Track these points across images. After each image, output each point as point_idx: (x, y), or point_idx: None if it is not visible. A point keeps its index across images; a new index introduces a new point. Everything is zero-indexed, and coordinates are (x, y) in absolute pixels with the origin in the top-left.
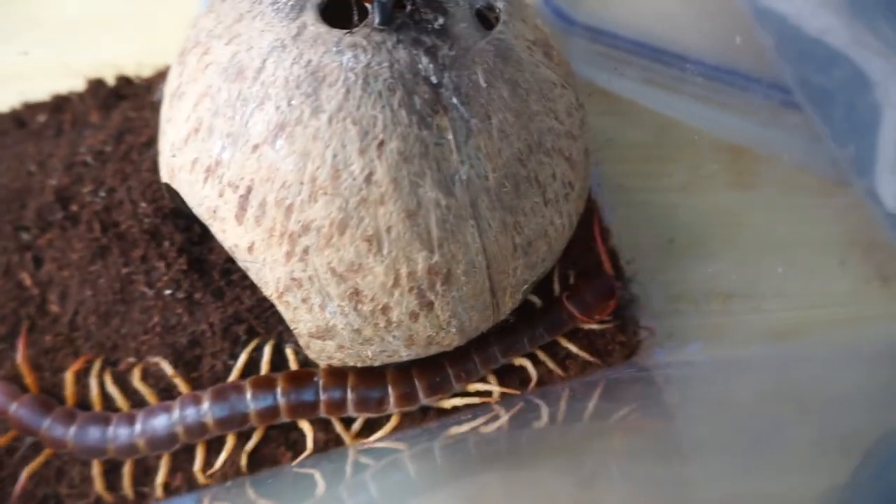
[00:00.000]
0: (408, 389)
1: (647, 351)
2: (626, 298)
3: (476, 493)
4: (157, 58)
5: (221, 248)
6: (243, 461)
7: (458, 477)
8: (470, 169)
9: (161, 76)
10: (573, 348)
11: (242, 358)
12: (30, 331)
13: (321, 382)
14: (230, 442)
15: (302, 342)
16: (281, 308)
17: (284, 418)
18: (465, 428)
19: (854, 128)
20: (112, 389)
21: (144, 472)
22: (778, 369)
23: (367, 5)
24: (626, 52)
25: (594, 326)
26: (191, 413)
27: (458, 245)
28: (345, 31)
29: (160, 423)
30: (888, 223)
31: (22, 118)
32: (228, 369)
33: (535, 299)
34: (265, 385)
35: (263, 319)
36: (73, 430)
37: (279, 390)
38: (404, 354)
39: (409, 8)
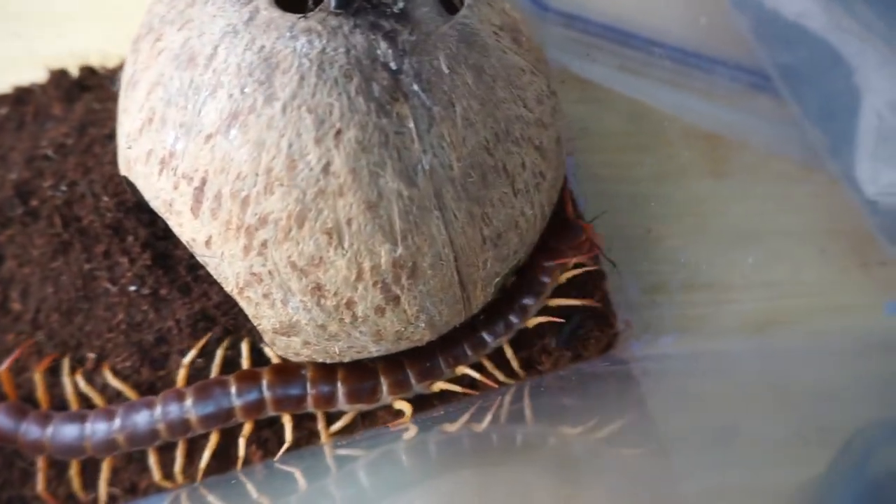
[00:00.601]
0: (400, 377)
1: (623, 343)
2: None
3: (452, 489)
4: (123, 48)
5: None
6: (203, 462)
7: (430, 476)
8: (433, 158)
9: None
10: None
11: (219, 354)
12: None
13: (309, 376)
14: (213, 440)
15: (267, 338)
16: (243, 304)
17: (271, 412)
18: (456, 426)
19: (832, 112)
20: (86, 388)
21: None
22: (756, 360)
23: None
24: (600, 37)
25: (576, 271)
26: (174, 410)
27: (423, 237)
28: (299, 15)
29: (141, 419)
30: (867, 210)
31: None
32: (197, 367)
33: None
34: (250, 379)
35: (232, 315)
36: (50, 430)
37: (265, 384)
38: (373, 350)
39: None
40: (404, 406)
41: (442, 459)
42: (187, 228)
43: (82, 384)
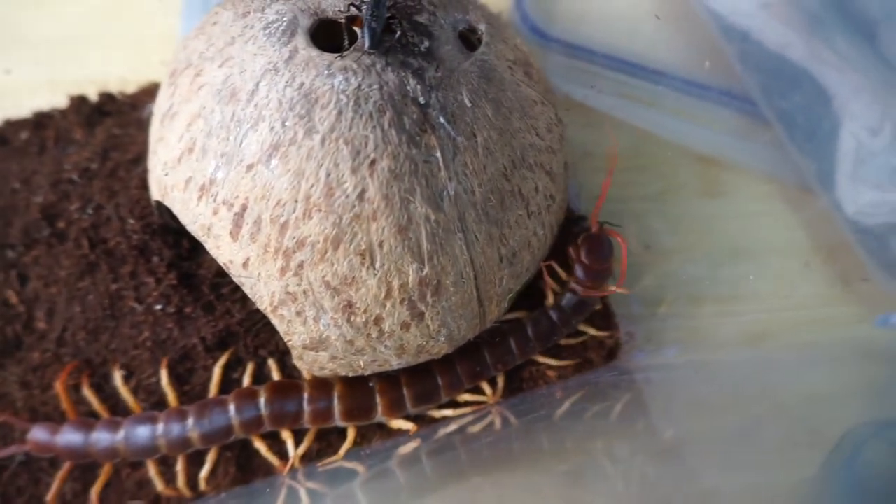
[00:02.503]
0: (396, 396)
1: (627, 354)
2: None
3: (468, 496)
4: (141, 75)
5: (211, 262)
6: (203, 475)
7: (449, 482)
8: (457, 185)
9: (145, 93)
10: (552, 362)
11: (216, 372)
12: (17, 348)
13: (307, 393)
14: (212, 455)
15: (295, 354)
16: (275, 321)
17: (269, 428)
18: (452, 427)
19: (814, 136)
20: (123, 391)
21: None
22: (751, 370)
23: (357, 30)
24: (600, 66)
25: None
26: (249, 410)
27: (448, 257)
28: (335, 54)
29: (217, 418)
30: (849, 228)
31: (3, 135)
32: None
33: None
34: (248, 397)
35: (254, 333)
36: (122, 434)
37: (263, 401)
38: (395, 363)
39: (397, 33)
40: (403, 424)
41: (446, 468)
42: (225, 251)
43: (123, 391)
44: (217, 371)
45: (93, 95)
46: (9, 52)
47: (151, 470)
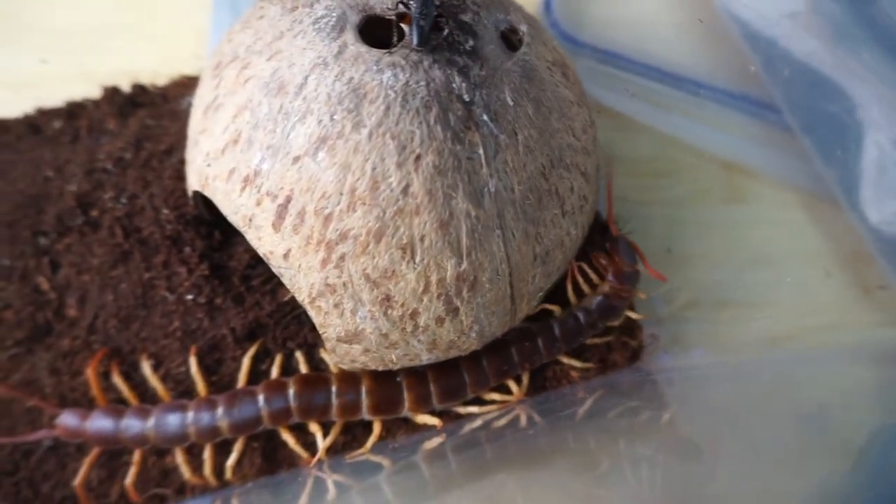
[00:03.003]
0: (422, 392)
1: (650, 356)
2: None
3: (494, 492)
4: (172, 67)
5: (242, 254)
6: (230, 463)
7: (474, 478)
8: (498, 182)
9: (177, 85)
10: (577, 363)
11: (245, 362)
12: (47, 334)
13: (335, 387)
14: (239, 445)
15: (328, 346)
16: (312, 313)
17: (297, 419)
18: (477, 423)
19: (838, 145)
20: (153, 379)
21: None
22: (771, 373)
23: (405, 27)
24: (627, 72)
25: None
26: (277, 401)
27: (485, 253)
28: (384, 50)
29: (247, 409)
30: (870, 237)
31: (37, 124)
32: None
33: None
34: (278, 388)
35: (283, 325)
36: (152, 419)
37: (292, 392)
38: (425, 358)
39: (445, 31)
40: (429, 420)
41: (471, 463)
42: (266, 242)
43: (153, 379)
44: (246, 362)
45: (125, 87)
46: (45, 42)
47: (179, 458)
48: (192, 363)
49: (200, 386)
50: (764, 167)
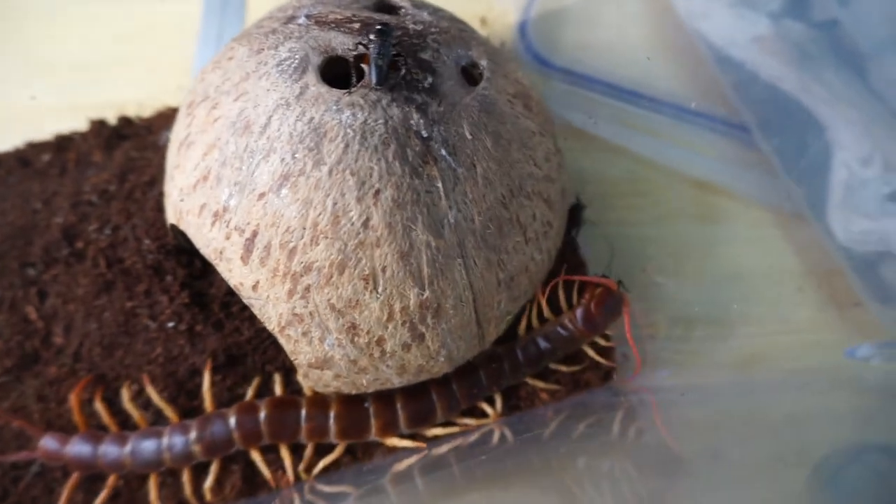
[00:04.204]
0: (390, 418)
1: (623, 375)
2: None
3: None
4: (157, 99)
5: (221, 282)
6: (207, 485)
7: (441, 500)
8: (458, 213)
9: (161, 117)
10: (543, 385)
11: (206, 381)
12: (35, 362)
13: (304, 410)
14: (215, 467)
15: (301, 372)
16: (282, 341)
17: (267, 441)
18: (445, 448)
19: (807, 165)
20: (129, 406)
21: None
22: (742, 392)
23: (364, 67)
24: (601, 94)
25: (600, 341)
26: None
27: (448, 282)
28: (344, 91)
29: (218, 429)
30: (840, 255)
31: (26, 157)
32: (230, 397)
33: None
34: (250, 410)
35: (262, 349)
36: (129, 448)
37: (263, 415)
38: (396, 382)
39: (402, 70)
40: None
41: (440, 484)
42: (236, 274)
43: (129, 406)
44: (206, 376)
45: (111, 119)
46: (34, 79)
47: (152, 493)
48: (152, 392)
49: (169, 412)
50: (735, 186)
